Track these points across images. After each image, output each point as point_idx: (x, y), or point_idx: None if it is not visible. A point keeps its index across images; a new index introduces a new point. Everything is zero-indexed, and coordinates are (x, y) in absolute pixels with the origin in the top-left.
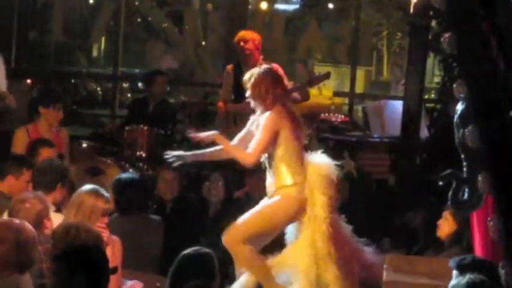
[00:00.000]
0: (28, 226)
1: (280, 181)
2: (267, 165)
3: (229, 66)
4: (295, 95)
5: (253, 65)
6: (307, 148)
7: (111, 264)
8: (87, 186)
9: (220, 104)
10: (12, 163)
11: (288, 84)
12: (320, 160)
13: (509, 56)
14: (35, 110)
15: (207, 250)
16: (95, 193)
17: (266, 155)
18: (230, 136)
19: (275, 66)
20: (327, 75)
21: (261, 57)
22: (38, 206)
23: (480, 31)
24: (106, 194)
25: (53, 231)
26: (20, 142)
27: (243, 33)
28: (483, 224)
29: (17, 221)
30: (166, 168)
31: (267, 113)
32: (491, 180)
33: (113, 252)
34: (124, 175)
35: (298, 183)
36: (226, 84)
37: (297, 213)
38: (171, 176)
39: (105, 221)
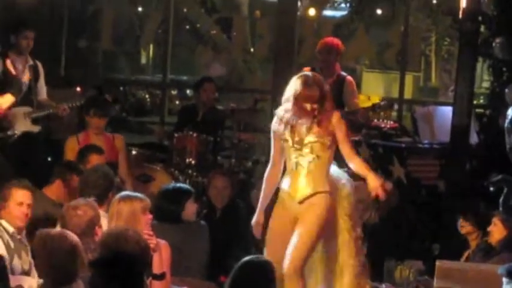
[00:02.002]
0: (70, 234)
1: (319, 186)
2: (305, 167)
3: (306, 69)
4: (358, 117)
5: (330, 74)
6: (358, 154)
7: (158, 270)
8: (119, 195)
9: None
10: (61, 168)
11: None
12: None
13: None
14: (84, 119)
15: (263, 259)
16: (127, 197)
17: (312, 155)
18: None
19: (350, 79)
20: (390, 106)
21: (339, 68)
22: (90, 212)
23: None
24: (139, 195)
25: (102, 236)
26: (70, 150)
27: (327, 41)
28: None
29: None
30: (217, 175)
31: (337, 114)
32: None
33: (161, 258)
34: (169, 185)
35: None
36: None
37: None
38: (223, 184)
39: (149, 229)
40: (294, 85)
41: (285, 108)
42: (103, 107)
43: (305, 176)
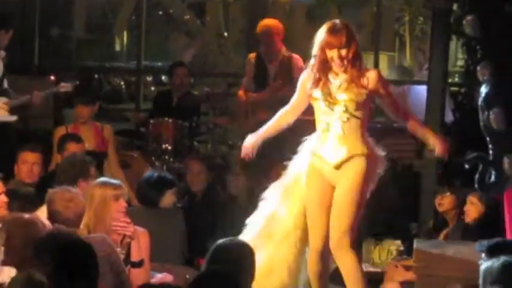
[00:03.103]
0: (40, 220)
1: (355, 148)
2: (338, 128)
3: (252, 55)
4: None
5: (275, 55)
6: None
7: (136, 258)
8: (97, 180)
9: (240, 92)
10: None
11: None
12: None
13: None
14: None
15: (242, 240)
16: (102, 183)
17: (345, 115)
18: (248, 126)
19: (297, 57)
20: None
21: (283, 47)
22: (81, 204)
23: (503, 13)
24: (114, 182)
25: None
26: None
27: (265, 23)
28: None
29: (26, 216)
30: (192, 160)
31: (375, 70)
32: None
33: (139, 245)
34: (154, 172)
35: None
36: (247, 72)
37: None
38: (198, 168)
39: (123, 216)
40: (319, 35)
41: (312, 64)
42: (86, 95)
43: (338, 138)
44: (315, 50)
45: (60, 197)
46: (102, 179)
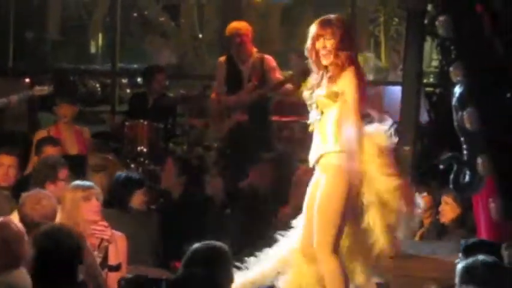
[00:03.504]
0: (13, 223)
1: (330, 145)
2: (315, 125)
3: (222, 58)
4: (287, 86)
5: (247, 57)
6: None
7: (114, 262)
8: (71, 184)
9: (213, 96)
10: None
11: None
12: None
13: (504, 38)
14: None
15: (219, 244)
16: (73, 186)
17: (318, 111)
18: (224, 129)
19: (268, 57)
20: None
21: (254, 49)
22: (53, 204)
23: (475, 14)
24: (84, 183)
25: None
26: None
27: (235, 25)
28: (486, 205)
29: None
30: (168, 162)
31: (350, 70)
32: (490, 162)
33: (116, 249)
34: (122, 173)
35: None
36: (219, 75)
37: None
38: (173, 170)
39: (98, 217)
40: (311, 28)
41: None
42: (70, 95)
43: (317, 136)
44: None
45: (29, 200)
46: (76, 182)
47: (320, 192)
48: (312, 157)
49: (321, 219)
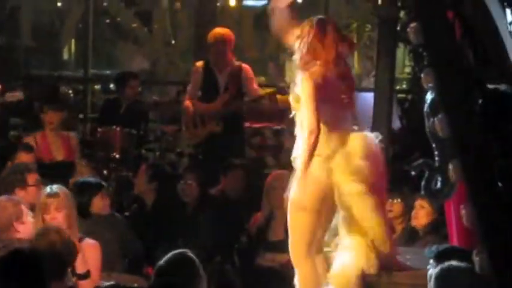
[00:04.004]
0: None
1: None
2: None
3: (199, 64)
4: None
5: (225, 66)
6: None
7: (81, 270)
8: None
9: (187, 103)
10: None
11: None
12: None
13: (475, 45)
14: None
15: (189, 253)
16: (44, 191)
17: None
18: (198, 136)
19: (246, 67)
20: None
21: (233, 58)
22: (10, 209)
23: (446, 20)
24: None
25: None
26: None
27: (218, 32)
28: (457, 212)
29: None
30: (141, 168)
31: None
32: (461, 167)
33: (83, 257)
34: (80, 179)
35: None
36: (194, 81)
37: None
38: (148, 176)
39: None
40: None
41: None
42: (56, 101)
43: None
44: None
45: None
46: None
47: (290, 196)
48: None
49: (290, 224)
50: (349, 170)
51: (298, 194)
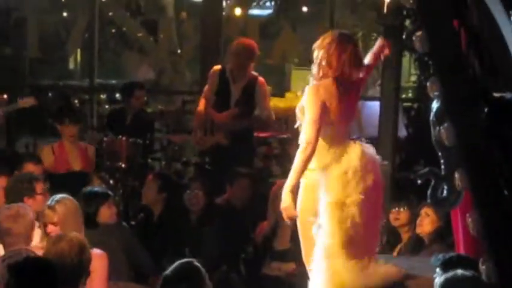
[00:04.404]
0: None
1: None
2: None
3: (217, 68)
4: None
5: (241, 78)
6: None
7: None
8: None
9: (200, 108)
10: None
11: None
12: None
13: (481, 54)
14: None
15: (195, 262)
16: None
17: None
18: (205, 144)
19: (262, 81)
20: None
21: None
22: (28, 217)
23: (451, 29)
24: (60, 196)
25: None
26: (44, 160)
27: (245, 42)
28: (464, 220)
29: None
30: (149, 178)
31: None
32: (467, 176)
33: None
34: (86, 188)
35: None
36: (210, 84)
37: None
38: (154, 186)
39: None
40: None
41: None
42: (75, 113)
43: None
44: None
45: (7, 214)
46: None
47: (297, 206)
48: None
49: (301, 234)
50: (343, 182)
51: (304, 204)
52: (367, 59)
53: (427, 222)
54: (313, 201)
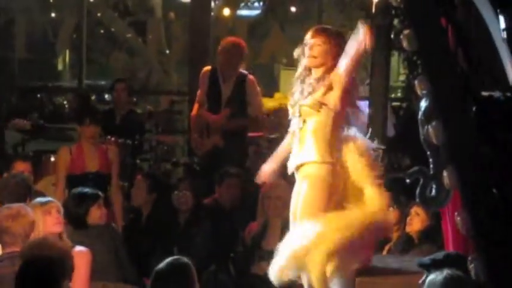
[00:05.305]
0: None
1: (309, 155)
2: (296, 134)
3: (207, 68)
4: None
5: (231, 76)
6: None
7: None
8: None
9: (194, 113)
10: None
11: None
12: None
13: (468, 52)
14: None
15: (184, 259)
16: (32, 203)
17: (300, 119)
18: (204, 147)
19: (251, 79)
20: None
21: (241, 67)
22: (30, 218)
23: (439, 27)
24: (45, 199)
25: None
26: (62, 161)
27: (233, 41)
28: (452, 219)
29: None
30: (138, 179)
31: (336, 72)
32: (455, 175)
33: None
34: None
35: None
36: (202, 86)
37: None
38: (143, 185)
39: (61, 231)
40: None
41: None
42: (96, 115)
43: (297, 143)
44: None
45: (7, 213)
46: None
47: (300, 203)
48: (291, 165)
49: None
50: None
51: (313, 199)
52: (349, 47)
53: (416, 221)
54: (319, 199)
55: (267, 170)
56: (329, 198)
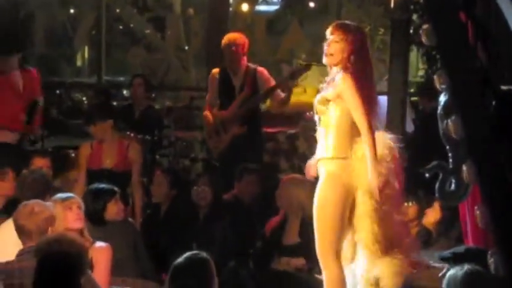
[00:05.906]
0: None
1: (325, 151)
2: (317, 131)
3: (215, 70)
4: (279, 93)
5: (239, 68)
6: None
7: None
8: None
9: (206, 113)
10: None
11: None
12: None
13: (488, 46)
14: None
15: (202, 254)
16: (53, 199)
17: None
18: (223, 143)
19: (261, 69)
20: (307, 67)
21: (247, 62)
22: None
23: (459, 21)
24: (66, 194)
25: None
26: (83, 156)
27: (233, 37)
28: (472, 213)
29: None
30: (158, 175)
31: (344, 75)
32: (474, 169)
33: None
34: (93, 185)
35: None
36: (211, 89)
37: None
38: (163, 181)
39: (82, 227)
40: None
41: None
42: (106, 110)
43: (319, 140)
44: None
45: (22, 211)
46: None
47: (315, 199)
48: (315, 161)
49: (319, 226)
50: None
51: (325, 197)
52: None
53: (431, 214)
54: (335, 196)
55: (312, 164)
56: (345, 195)
